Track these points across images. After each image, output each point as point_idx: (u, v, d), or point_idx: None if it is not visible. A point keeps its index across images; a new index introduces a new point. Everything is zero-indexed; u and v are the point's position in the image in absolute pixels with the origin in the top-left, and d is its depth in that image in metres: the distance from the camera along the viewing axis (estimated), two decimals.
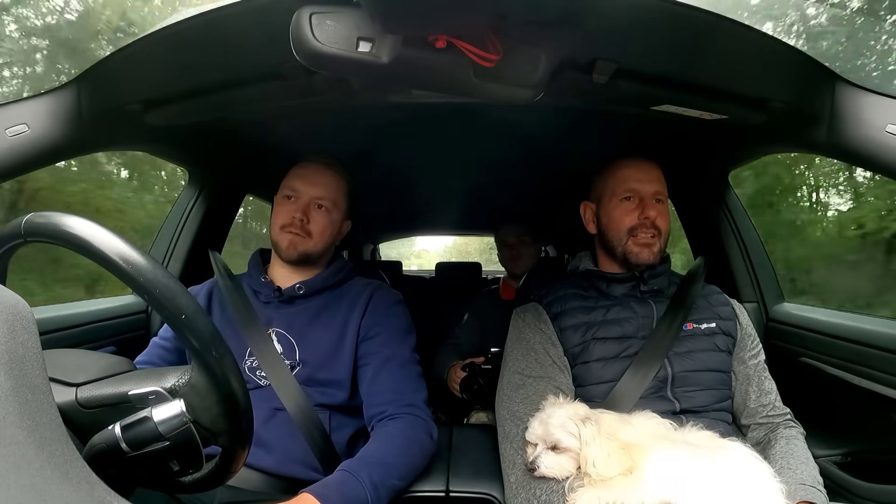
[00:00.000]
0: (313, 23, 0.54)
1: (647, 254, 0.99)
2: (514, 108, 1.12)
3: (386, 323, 1.02)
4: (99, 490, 0.38)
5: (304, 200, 1.02)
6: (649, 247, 0.99)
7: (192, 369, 0.53)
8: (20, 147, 0.75)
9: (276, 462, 0.93)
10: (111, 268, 0.48)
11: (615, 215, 1.02)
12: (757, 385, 0.97)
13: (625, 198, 1.01)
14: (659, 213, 1.00)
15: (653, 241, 0.99)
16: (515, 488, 0.83)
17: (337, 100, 0.89)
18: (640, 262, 0.99)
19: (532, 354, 0.96)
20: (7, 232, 0.52)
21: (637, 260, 1.00)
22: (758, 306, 1.42)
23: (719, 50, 0.71)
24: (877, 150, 0.70)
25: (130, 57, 0.75)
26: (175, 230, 1.46)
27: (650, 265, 1.00)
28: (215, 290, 1.08)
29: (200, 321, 0.50)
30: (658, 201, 1.01)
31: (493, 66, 0.57)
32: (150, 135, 1.05)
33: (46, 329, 1.09)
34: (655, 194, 1.01)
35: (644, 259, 0.99)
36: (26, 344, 0.39)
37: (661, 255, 1.01)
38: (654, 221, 0.99)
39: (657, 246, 0.99)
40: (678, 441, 0.76)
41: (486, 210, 2.53)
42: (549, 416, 0.80)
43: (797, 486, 0.79)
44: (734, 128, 0.95)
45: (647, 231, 0.99)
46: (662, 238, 1.00)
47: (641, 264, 1.00)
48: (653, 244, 0.99)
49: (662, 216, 1.00)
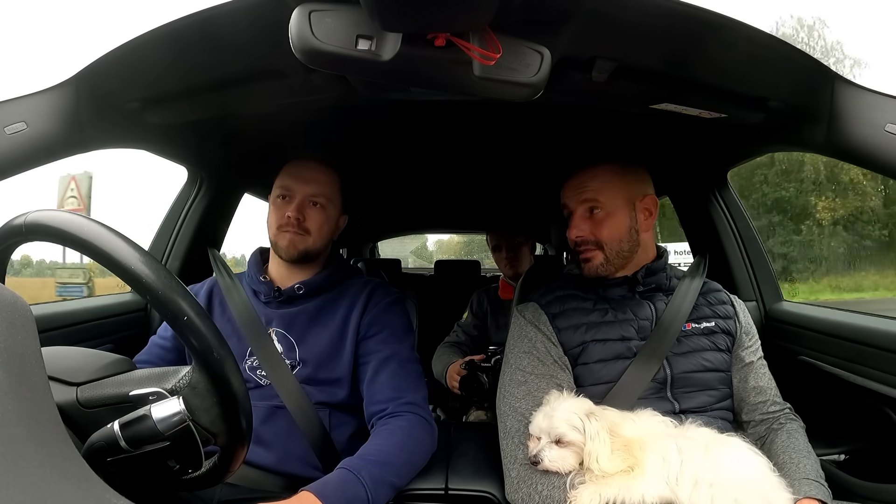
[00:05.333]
0: (312, 20, 0.54)
1: (589, 267, 0.98)
2: (514, 107, 1.12)
3: (385, 321, 1.02)
4: (98, 488, 0.38)
5: (299, 199, 1.02)
6: (589, 261, 0.98)
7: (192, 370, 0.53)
8: (19, 145, 0.74)
9: (277, 460, 0.93)
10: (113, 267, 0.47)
11: (567, 233, 1.02)
12: (755, 381, 0.97)
13: (567, 214, 1.02)
14: (594, 223, 0.96)
15: (592, 255, 0.97)
16: (517, 483, 0.83)
17: (336, 98, 0.89)
18: (590, 276, 0.99)
19: (534, 352, 0.96)
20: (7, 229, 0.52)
21: (586, 274, 0.99)
22: (756, 305, 1.42)
23: (719, 48, 0.71)
24: (876, 149, 0.70)
25: (128, 55, 0.74)
26: (173, 228, 1.46)
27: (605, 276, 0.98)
28: (215, 289, 1.08)
29: (202, 323, 0.50)
30: (592, 210, 0.97)
31: (492, 64, 0.57)
32: (148, 133, 1.05)
33: (45, 327, 1.09)
34: (585, 204, 0.97)
35: (590, 273, 0.98)
36: (25, 342, 0.39)
37: (610, 265, 0.97)
38: (581, 238, 0.97)
39: (599, 258, 0.97)
40: (679, 437, 0.77)
41: (484, 209, 2.53)
42: (553, 410, 0.80)
43: (801, 480, 0.79)
44: (733, 126, 0.95)
45: (583, 246, 0.98)
46: (609, 248, 0.96)
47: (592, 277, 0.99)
48: (593, 258, 0.97)
49: (599, 226, 0.96)
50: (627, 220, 0.98)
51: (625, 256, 0.98)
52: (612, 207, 0.97)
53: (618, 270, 0.99)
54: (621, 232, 0.97)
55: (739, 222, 1.45)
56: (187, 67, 0.80)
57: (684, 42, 0.70)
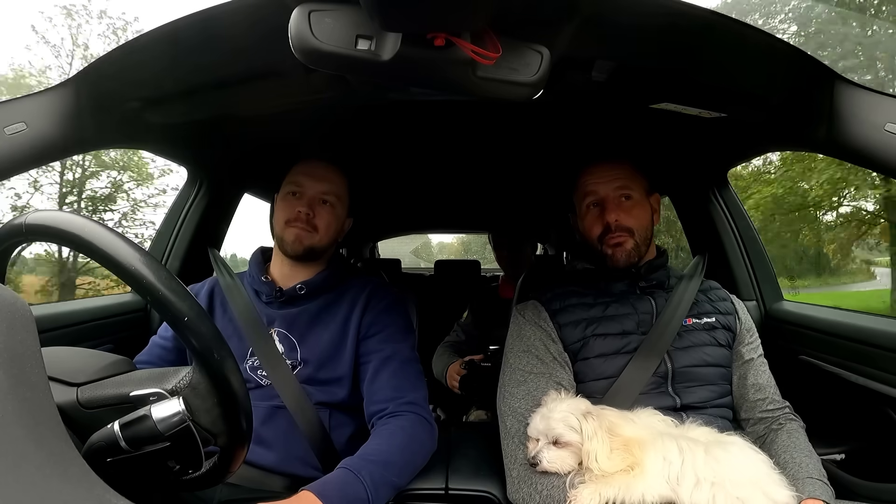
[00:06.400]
0: (312, 20, 0.54)
1: (621, 253, 0.98)
2: (513, 107, 1.12)
3: (386, 321, 1.02)
4: (98, 488, 0.38)
5: (310, 195, 1.03)
6: (621, 245, 0.98)
7: (193, 371, 0.53)
8: (19, 145, 0.74)
9: (277, 459, 0.93)
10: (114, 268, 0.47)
11: (586, 225, 1.03)
12: (755, 378, 0.97)
13: (591, 204, 1.02)
14: (624, 211, 0.98)
15: (623, 240, 0.98)
16: (517, 483, 0.83)
17: (335, 98, 0.89)
18: (617, 264, 0.99)
19: (532, 351, 0.97)
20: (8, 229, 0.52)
21: (613, 263, 0.99)
22: (757, 304, 1.43)
23: (719, 48, 0.71)
24: (875, 148, 0.70)
25: (129, 55, 0.74)
26: (174, 228, 1.46)
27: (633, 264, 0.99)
28: (216, 289, 1.08)
29: (203, 324, 0.50)
30: (625, 198, 0.99)
31: (492, 64, 0.57)
32: (148, 133, 1.05)
33: (45, 327, 1.09)
34: (618, 191, 0.99)
35: (619, 260, 0.99)
36: (25, 342, 0.39)
37: (638, 251, 0.99)
38: (618, 224, 0.98)
39: (630, 243, 0.98)
40: (679, 437, 0.77)
41: (484, 209, 2.53)
42: (550, 411, 0.80)
43: (805, 479, 0.79)
44: (733, 126, 0.95)
45: (617, 232, 0.98)
46: (638, 235, 0.98)
47: (619, 266, 0.99)
48: (624, 242, 0.98)
49: (629, 214, 0.98)
50: (649, 210, 1.02)
51: (647, 246, 1.01)
52: (639, 196, 1.00)
53: (642, 259, 1.01)
54: (647, 221, 1.01)
55: (739, 222, 1.45)
56: (187, 67, 0.80)
57: (684, 41, 0.70)
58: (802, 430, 0.92)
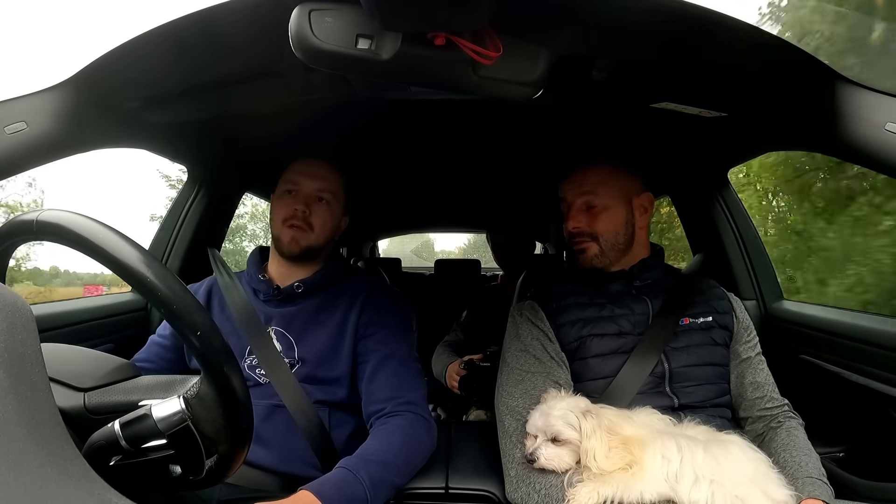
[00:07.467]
0: (312, 20, 0.54)
1: (584, 258, 1.01)
2: (513, 106, 1.12)
3: (385, 320, 1.02)
4: (98, 487, 0.38)
5: (305, 193, 1.03)
6: (584, 252, 1.00)
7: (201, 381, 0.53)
8: (19, 145, 0.74)
9: (276, 459, 0.93)
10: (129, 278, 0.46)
11: (563, 225, 1.05)
12: (753, 376, 0.97)
13: (565, 209, 1.04)
14: (589, 217, 1.00)
15: (586, 245, 1.00)
16: (516, 482, 0.83)
17: (336, 97, 0.89)
18: (584, 267, 1.01)
19: (530, 351, 0.97)
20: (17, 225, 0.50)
21: (581, 266, 1.02)
22: (757, 304, 1.42)
23: (719, 47, 0.71)
24: (876, 148, 0.70)
25: (128, 54, 0.74)
26: (174, 228, 1.46)
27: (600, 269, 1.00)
28: (214, 288, 1.08)
29: (215, 338, 0.50)
30: (588, 206, 1.00)
31: (492, 63, 0.57)
32: (148, 132, 1.05)
33: (45, 327, 1.09)
34: (582, 197, 1.01)
35: (584, 264, 1.01)
36: (25, 342, 0.39)
37: (605, 257, 1.00)
38: (578, 230, 1.00)
39: (594, 249, 0.99)
40: (677, 435, 0.77)
41: (484, 208, 2.53)
42: (549, 408, 0.80)
43: (804, 479, 0.79)
44: (733, 125, 0.95)
45: (578, 238, 1.01)
46: (604, 240, 0.99)
47: (586, 269, 1.01)
48: (587, 248, 1.00)
49: (595, 220, 0.99)
50: (623, 214, 1.01)
51: (620, 249, 1.01)
52: (608, 201, 1.00)
53: (613, 263, 1.01)
54: (617, 225, 1.00)
55: (740, 221, 1.45)
56: (187, 67, 0.80)
57: (684, 40, 0.70)
58: (802, 428, 0.92)
